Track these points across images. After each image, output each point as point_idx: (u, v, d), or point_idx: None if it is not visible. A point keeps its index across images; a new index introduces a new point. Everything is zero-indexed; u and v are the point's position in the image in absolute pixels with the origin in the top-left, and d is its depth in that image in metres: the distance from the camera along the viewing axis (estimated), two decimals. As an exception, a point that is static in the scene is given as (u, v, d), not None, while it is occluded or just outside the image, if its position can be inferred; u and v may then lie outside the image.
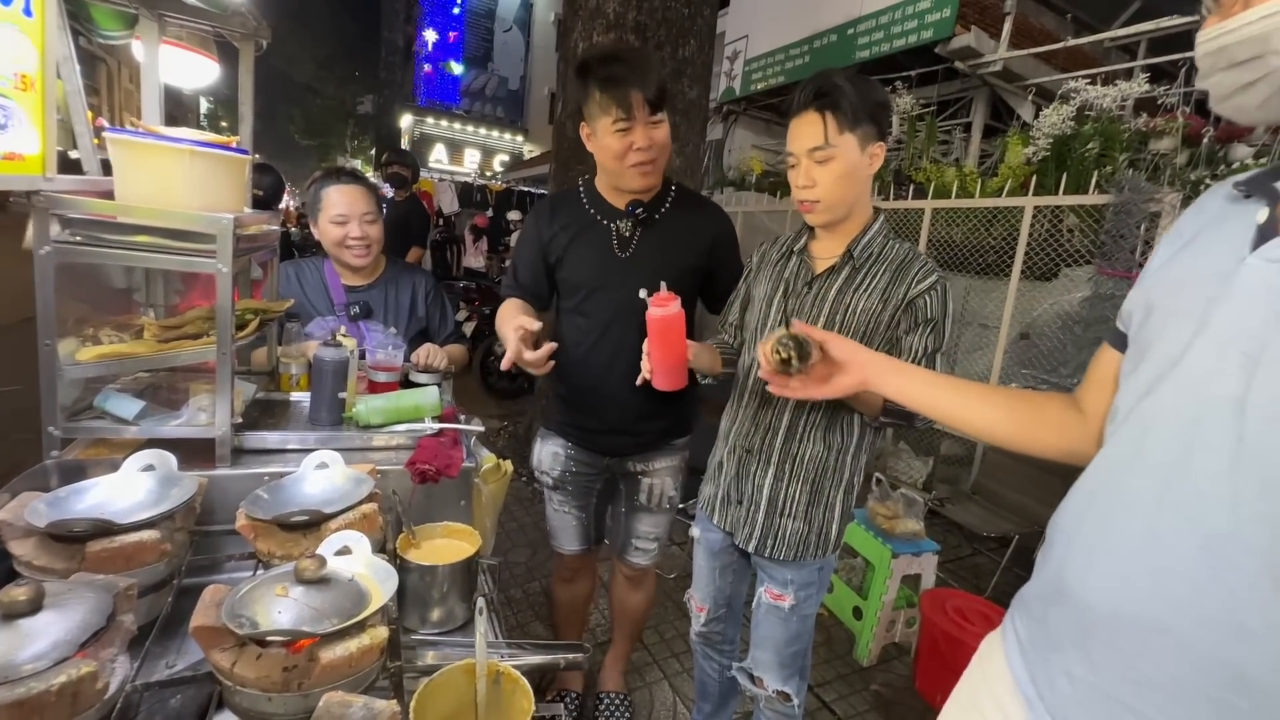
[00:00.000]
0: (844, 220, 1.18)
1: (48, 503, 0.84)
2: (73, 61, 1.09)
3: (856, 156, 1.11)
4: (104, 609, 0.66)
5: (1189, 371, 0.57)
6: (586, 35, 2.89)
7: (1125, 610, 0.58)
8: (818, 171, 1.11)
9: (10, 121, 0.85)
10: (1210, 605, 0.53)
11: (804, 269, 1.23)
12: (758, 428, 1.24)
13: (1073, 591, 0.64)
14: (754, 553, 1.28)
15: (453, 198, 9.96)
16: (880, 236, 1.19)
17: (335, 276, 1.73)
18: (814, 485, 1.21)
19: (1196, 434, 0.55)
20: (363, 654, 0.67)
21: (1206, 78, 0.59)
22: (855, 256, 1.17)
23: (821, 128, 1.09)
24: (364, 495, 0.96)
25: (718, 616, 1.45)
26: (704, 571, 1.42)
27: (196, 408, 1.12)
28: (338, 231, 1.65)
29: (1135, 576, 0.58)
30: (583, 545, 1.65)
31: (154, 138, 1.03)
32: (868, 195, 1.18)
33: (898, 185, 4.27)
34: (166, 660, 0.84)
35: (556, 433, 1.57)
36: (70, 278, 1.01)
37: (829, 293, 1.18)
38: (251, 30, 1.35)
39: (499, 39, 21.50)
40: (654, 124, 1.29)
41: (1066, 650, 0.64)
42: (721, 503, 1.32)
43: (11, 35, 0.84)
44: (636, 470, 1.56)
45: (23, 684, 0.56)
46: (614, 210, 1.42)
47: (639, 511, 1.60)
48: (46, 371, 0.99)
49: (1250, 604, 0.51)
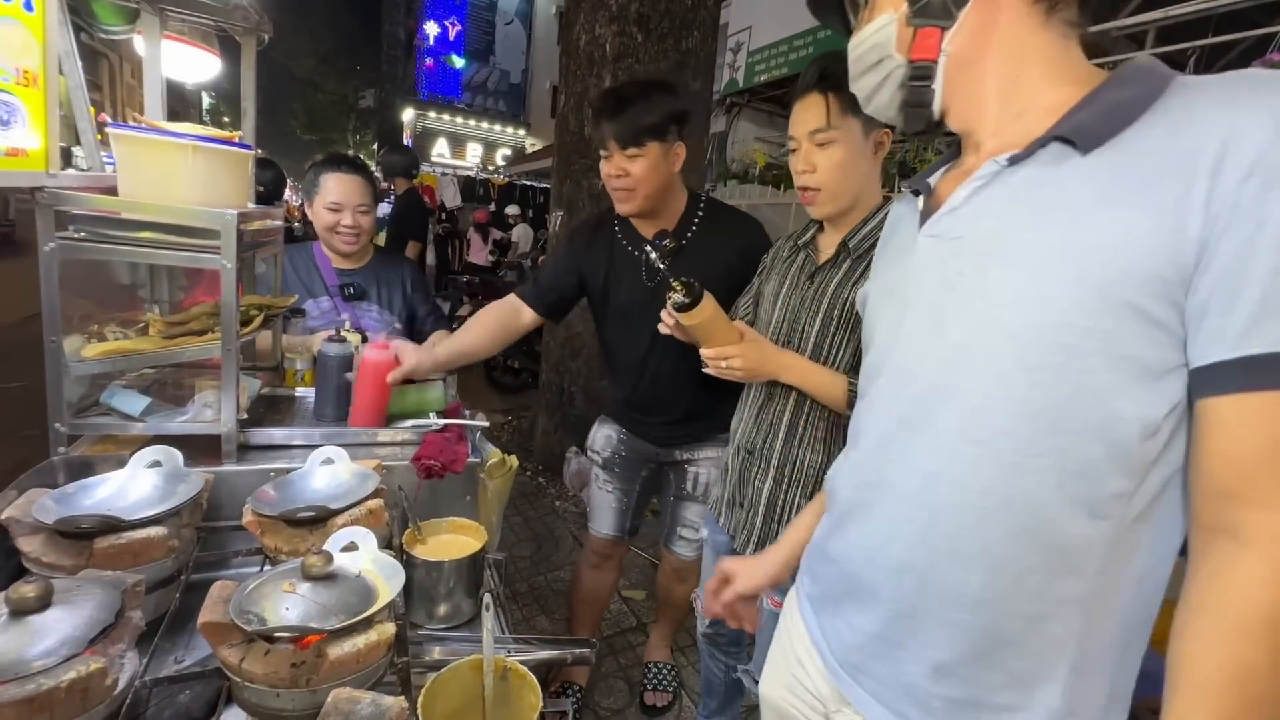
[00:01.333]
0: (848, 212, 1.15)
1: (55, 499, 0.84)
2: (74, 57, 1.08)
3: (860, 142, 1.08)
4: (112, 605, 0.66)
5: (902, 345, 0.66)
6: (589, 27, 2.86)
7: (877, 560, 0.66)
8: (818, 156, 1.09)
9: (13, 117, 0.85)
10: (934, 539, 0.61)
11: (808, 262, 1.21)
12: (759, 428, 1.23)
13: (835, 554, 0.73)
14: None
15: (455, 192, 9.96)
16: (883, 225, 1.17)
17: (325, 259, 1.77)
18: (813, 492, 1.18)
19: (916, 393, 0.63)
20: (370, 650, 0.67)
21: (855, 81, 0.70)
22: (853, 249, 1.14)
23: (824, 109, 1.06)
24: (370, 491, 0.97)
25: None
26: (710, 573, 1.41)
27: (202, 404, 1.12)
28: (330, 218, 1.69)
29: (876, 532, 0.66)
30: (617, 531, 1.70)
31: (157, 133, 1.02)
32: (874, 186, 1.15)
33: (902, 177, 4.25)
34: (175, 656, 0.84)
35: (614, 419, 1.68)
36: (75, 274, 1.01)
37: (829, 286, 1.16)
38: (253, 24, 1.34)
39: (500, 32, 21.41)
40: (630, 157, 1.34)
41: (844, 602, 0.71)
42: (727, 505, 1.32)
43: (13, 30, 0.84)
44: (683, 459, 1.61)
45: (33, 680, 0.56)
46: (642, 239, 1.49)
47: (685, 500, 1.63)
48: (52, 368, 0.99)
49: (960, 534, 0.59)
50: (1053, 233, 0.53)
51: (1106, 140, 0.52)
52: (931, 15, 0.60)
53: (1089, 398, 0.52)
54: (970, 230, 0.60)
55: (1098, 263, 0.50)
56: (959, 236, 0.61)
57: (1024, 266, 0.55)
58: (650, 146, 1.33)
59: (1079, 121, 0.54)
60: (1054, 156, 0.55)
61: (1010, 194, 0.58)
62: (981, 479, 0.57)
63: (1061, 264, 0.52)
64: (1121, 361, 0.50)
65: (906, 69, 0.63)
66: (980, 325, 0.57)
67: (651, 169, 1.35)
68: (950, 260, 0.61)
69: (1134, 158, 0.51)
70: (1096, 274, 0.50)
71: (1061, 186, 0.54)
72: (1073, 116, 0.55)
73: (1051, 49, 0.59)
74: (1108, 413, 0.51)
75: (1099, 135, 0.53)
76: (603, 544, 1.73)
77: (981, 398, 0.57)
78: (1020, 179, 0.57)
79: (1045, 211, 0.55)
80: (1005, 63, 0.60)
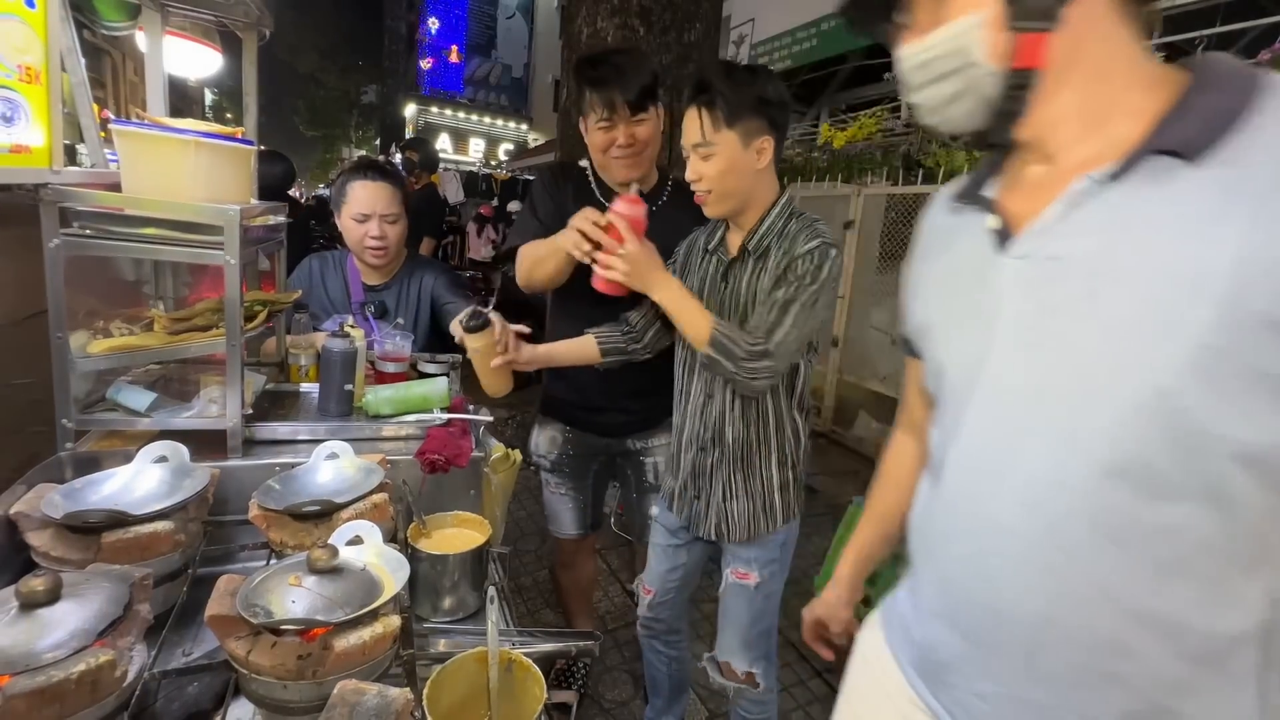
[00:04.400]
0: (742, 211, 1.19)
1: (63, 494, 0.85)
2: (77, 53, 1.08)
3: (739, 152, 1.11)
4: (120, 599, 0.67)
5: (992, 372, 0.61)
6: (590, 20, 2.85)
7: (1009, 614, 0.60)
8: (702, 166, 1.13)
9: (16, 114, 0.85)
10: (1075, 584, 0.55)
11: (720, 263, 1.25)
12: (706, 425, 1.26)
13: (951, 608, 0.66)
14: (715, 539, 1.31)
15: (458, 187, 9.94)
16: (780, 221, 1.18)
17: (356, 273, 1.72)
18: (745, 463, 1.24)
19: (1019, 423, 0.59)
20: (376, 642, 0.68)
21: (917, 92, 0.63)
22: (752, 250, 1.19)
23: (699, 125, 1.10)
24: (374, 485, 0.97)
25: (664, 601, 1.45)
26: (658, 551, 1.43)
27: (207, 399, 1.13)
28: (358, 229, 1.63)
29: (1007, 580, 0.59)
30: (579, 530, 1.69)
31: (160, 129, 1.03)
32: (764, 185, 1.18)
33: (906, 170, 4.21)
34: (183, 649, 0.85)
35: (555, 418, 1.62)
36: (80, 270, 1.01)
37: (740, 286, 1.21)
38: (254, 20, 1.34)
39: (502, 26, 21.35)
40: (636, 122, 1.35)
41: (961, 668, 0.65)
42: (679, 494, 1.34)
43: (15, 27, 0.84)
44: (636, 449, 1.60)
45: (43, 672, 0.57)
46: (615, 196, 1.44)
47: (648, 493, 1.62)
48: (59, 364, 0.99)
49: (1103, 573, 0.54)
50: (1172, 250, 0.50)
51: (1214, 151, 0.50)
52: (1035, 18, 0.54)
53: (1229, 420, 0.49)
54: (1069, 250, 0.56)
55: (1227, 278, 0.47)
56: (1056, 258, 0.57)
57: (1142, 287, 0.51)
58: (652, 110, 1.37)
59: (1181, 132, 0.51)
60: (1158, 170, 0.52)
61: (1111, 211, 0.54)
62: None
63: (1186, 283, 0.49)
64: (1262, 379, 0.48)
65: (1001, 77, 0.56)
66: (1102, 351, 0.53)
67: (656, 133, 1.38)
68: (1048, 283, 0.57)
69: (1250, 168, 0.48)
70: (1226, 290, 0.47)
71: (1173, 201, 0.51)
72: (1172, 127, 0.52)
73: (1132, 48, 0.56)
74: (1245, 434, 0.49)
75: (1206, 146, 0.50)
76: (568, 544, 1.72)
77: (1114, 425, 0.53)
78: (1121, 195, 0.54)
79: (1160, 229, 0.51)
80: (1090, 66, 0.56)
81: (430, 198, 4.35)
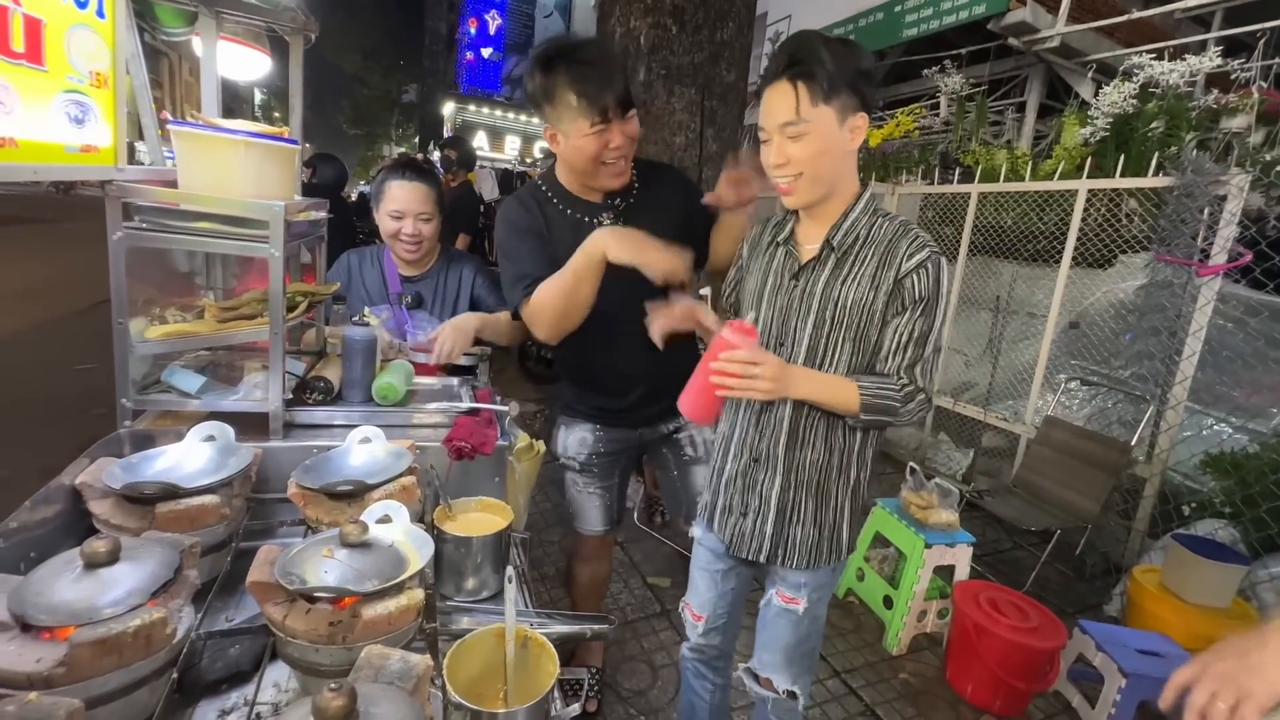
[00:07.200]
0: (824, 201, 1.09)
1: (122, 467, 0.92)
2: (139, 58, 1.16)
3: (834, 131, 1.01)
4: (172, 563, 0.73)
5: None
6: (624, 19, 2.88)
7: None
8: (791, 148, 1.02)
9: (87, 116, 0.92)
10: None
11: (790, 260, 1.15)
12: (762, 434, 1.17)
13: None
14: (765, 562, 1.21)
15: (493, 185, 10.06)
16: (866, 216, 1.09)
17: (393, 266, 1.78)
18: (820, 489, 1.15)
19: None
20: (401, 613, 0.72)
21: None
22: (836, 246, 1.09)
23: (794, 100, 0.99)
24: (403, 469, 1.02)
25: (716, 626, 1.34)
26: (704, 576, 1.33)
27: (252, 384, 1.20)
28: (393, 225, 1.68)
29: None
30: (606, 525, 1.69)
31: (213, 129, 1.09)
32: (851, 173, 1.09)
33: (944, 169, 4.12)
34: (226, 615, 0.92)
35: (583, 419, 1.59)
36: (139, 262, 1.09)
37: (815, 287, 1.10)
38: (300, 25, 1.41)
39: (540, 25, 21.49)
40: (629, 119, 1.28)
41: None
42: (722, 512, 1.25)
43: (87, 36, 0.91)
44: (670, 430, 1.60)
45: (104, 625, 0.62)
46: (592, 206, 1.40)
47: (691, 465, 1.61)
48: (120, 348, 1.07)
49: None
50: None
51: None
52: None
53: None
54: None
55: None
56: None
57: None
58: (634, 110, 1.30)
59: None
60: None
61: None
62: None
63: None
64: None
65: None
66: None
67: (637, 130, 1.31)
68: None
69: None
70: None
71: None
72: None
73: None
74: None
75: None
76: (593, 540, 1.71)
77: None
78: None
79: None
80: None
81: (467, 195, 4.45)
